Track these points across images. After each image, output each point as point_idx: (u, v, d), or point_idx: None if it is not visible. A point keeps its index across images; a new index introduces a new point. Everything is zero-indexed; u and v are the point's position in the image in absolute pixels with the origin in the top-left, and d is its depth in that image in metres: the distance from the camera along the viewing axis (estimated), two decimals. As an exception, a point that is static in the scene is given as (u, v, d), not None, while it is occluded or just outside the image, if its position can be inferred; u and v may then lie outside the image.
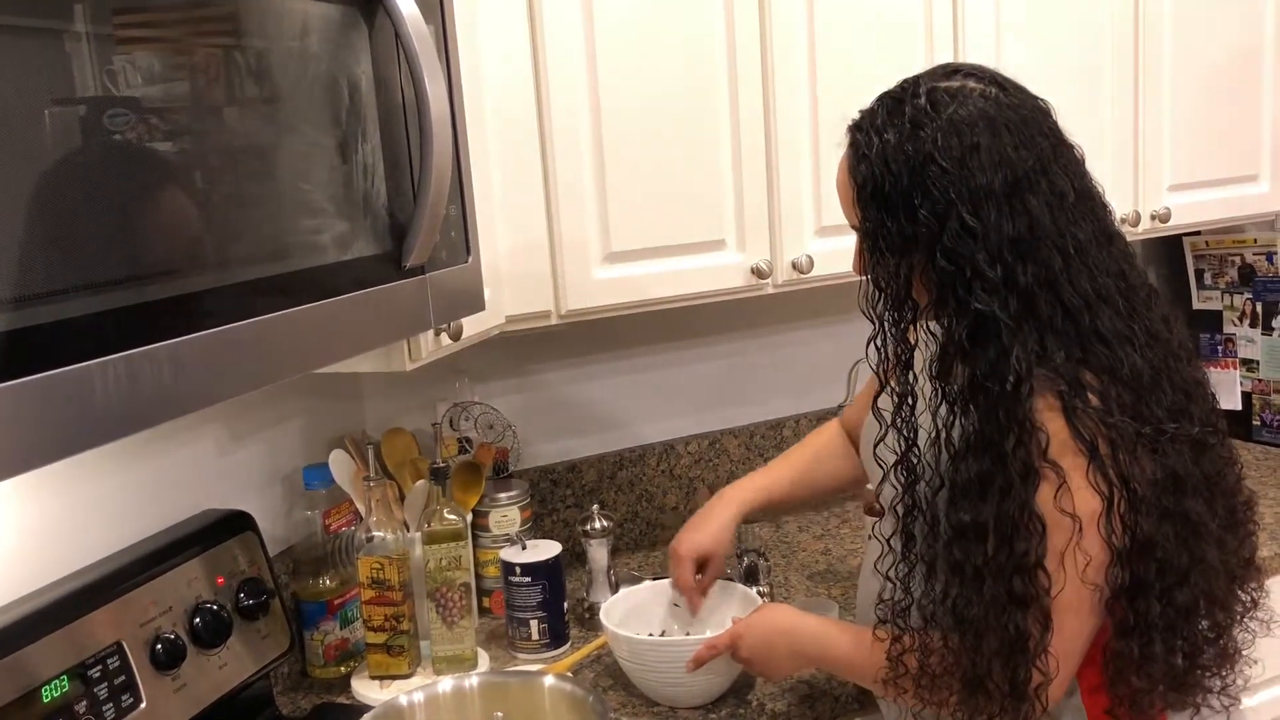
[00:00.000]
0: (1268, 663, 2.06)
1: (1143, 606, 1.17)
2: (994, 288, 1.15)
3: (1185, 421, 1.20)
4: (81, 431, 0.80)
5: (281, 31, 1.03)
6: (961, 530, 1.17)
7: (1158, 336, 1.23)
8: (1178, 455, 1.18)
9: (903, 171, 1.17)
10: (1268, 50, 2.39)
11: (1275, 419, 2.63)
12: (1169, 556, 1.17)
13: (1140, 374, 1.18)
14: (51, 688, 1.19)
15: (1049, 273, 1.16)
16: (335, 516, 1.76)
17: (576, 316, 1.77)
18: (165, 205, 0.88)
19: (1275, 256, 2.58)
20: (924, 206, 1.16)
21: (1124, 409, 1.16)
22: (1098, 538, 1.16)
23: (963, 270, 1.15)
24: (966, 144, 1.16)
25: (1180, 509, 1.18)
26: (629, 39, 1.74)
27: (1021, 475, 1.14)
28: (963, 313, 1.16)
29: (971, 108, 1.18)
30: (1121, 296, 1.21)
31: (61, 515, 1.36)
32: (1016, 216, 1.15)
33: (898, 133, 1.18)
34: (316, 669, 1.74)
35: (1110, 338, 1.18)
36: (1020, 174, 1.17)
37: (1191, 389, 1.25)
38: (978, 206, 1.15)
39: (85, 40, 0.81)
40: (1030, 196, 1.16)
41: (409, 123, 1.21)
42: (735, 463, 2.34)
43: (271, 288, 1.00)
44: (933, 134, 1.16)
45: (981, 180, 1.15)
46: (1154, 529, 1.16)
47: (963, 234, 1.15)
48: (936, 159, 1.16)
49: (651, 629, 1.70)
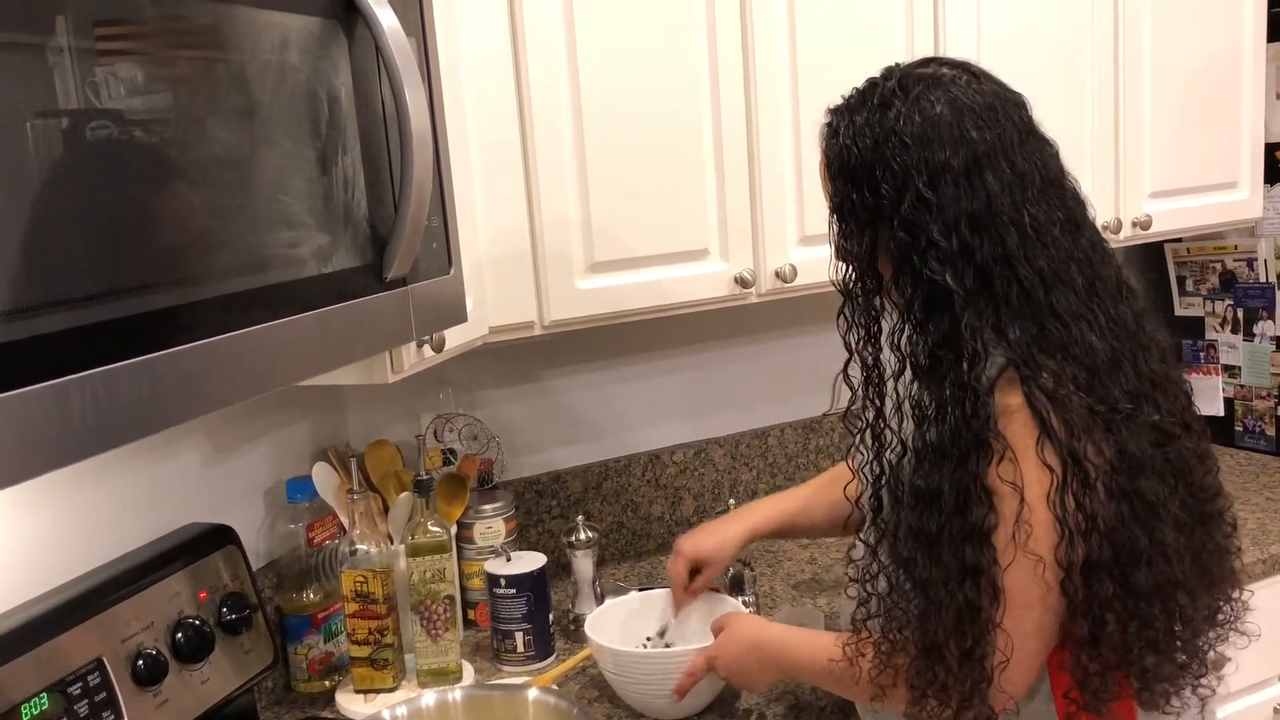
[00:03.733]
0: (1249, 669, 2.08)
1: (1095, 586, 1.18)
2: (948, 258, 1.19)
3: (1147, 407, 1.22)
4: (61, 447, 0.79)
5: (261, 44, 1.03)
6: (918, 495, 1.21)
7: (1125, 326, 1.25)
8: (1134, 437, 1.20)
9: (867, 146, 1.23)
10: (1246, 58, 2.41)
11: (1257, 425, 2.64)
12: (1123, 537, 1.18)
13: (1096, 353, 1.20)
14: (31, 705, 1.18)
15: (1004, 249, 1.19)
16: (319, 530, 1.75)
17: (560, 327, 1.77)
18: (146, 218, 0.88)
19: (1256, 263, 2.59)
20: (885, 180, 1.21)
21: (1079, 386, 1.18)
22: (1047, 514, 1.17)
23: (918, 241, 1.20)
24: (927, 121, 1.21)
25: (1135, 489, 1.19)
26: (611, 50, 1.74)
27: (973, 446, 1.17)
28: (918, 283, 1.20)
29: (939, 91, 1.23)
30: (1085, 281, 1.23)
31: (41, 530, 1.35)
32: (974, 193, 1.19)
33: (867, 112, 1.25)
34: (300, 683, 1.73)
35: (1066, 316, 1.20)
36: (979, 153, 1.21)
37: (1161, 382, 1.26)
38: (935, 181, 1.19)
39: (67, 53, 0.81)
40: (989, 175, 1.20)
41: (389, 134, 1.21)
42: (721, 472, 2.34)
43: (252, 301, 1.00)
44: (897, 112, 1.22)
45: (940, 156, 1.20)
46: (1108, 508, 1.17)
47: (919, 205, 1.19)
48: (897, 134, 1.21)
49: (637, 641, 1.69)
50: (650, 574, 2.16)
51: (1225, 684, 2.01)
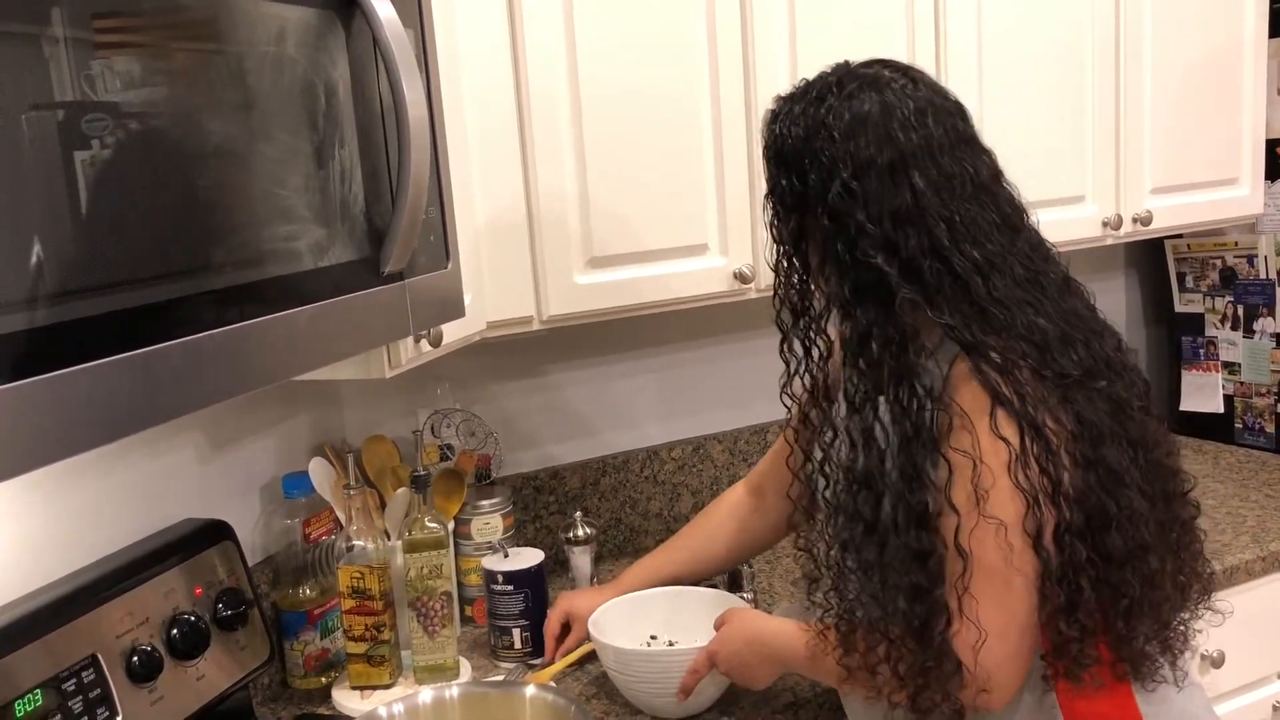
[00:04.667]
0: (1249, 666, 2.08)
1: (1068, 552, 1.20)
2: (877, 245, 1.23)
3: (1100, 380, 1.25)
4: (55, 441, 0.78)
5: (258, 36, 1.02)
6: (860, 482, 1.25)
7: (1076, 314, 1.29)
8: (1090, 405, 1.23)
9: (799, 135, 1.28)
10: (1246, 54, 2.40)
11: (1257, 422, 2.64)
12: (1092, 503, 1.21)
13: (1045, 332, 1.24)
14: (25, 701, 1.18)
15: (933, 242, 1.23)
16: (315, 525, 1.74)
17: (558, 322, 1.76)
18: (140, 212, 0.87)
19: (1256, 259, 2.59)
20: (812, 169, 1.27)
21: (1028, 359, 1.21)
22: (1008, 482, 1.19)
23: (846, 228, 1.24)
24: (856, 118, 1.26)
25: (1099, 456, 1.21)
26: (610, 41, 1.73)
27: (916, 427, 1.21)
28: (844, 270, 1.25)
29: (873, 91, 1.27)
30: (1026, 274, 1.27)
31: (36, 525, 1.34)
32: (899, 189, 1.24)
33: (805, 103, 1.30)
34: (297, 679, 1.73)
35: (1008, 302, 1.24)
36: (904, 153, 1.25)
37: (1116, 365, 1.29)
38: (859, 174, 1.24)
39: (63, 45, 0.80)
40: (915, 174, 1.24)
41: (387, 127, 1.20)
42: (719, 468, 2.33)
43: (248, 295, 0.99)
44: (829, 106, 1.27)
45: (865, 152, 1.25)
46: (1074, 476, 1.20)
47: (845, 195, 1.24)
48: (827, 126, 1.26)
49: (640, 639, 1.69)
50: (648, 570, 2.15)
51: (1225, 680, 2.02)
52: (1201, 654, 1.98)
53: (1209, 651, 1.99)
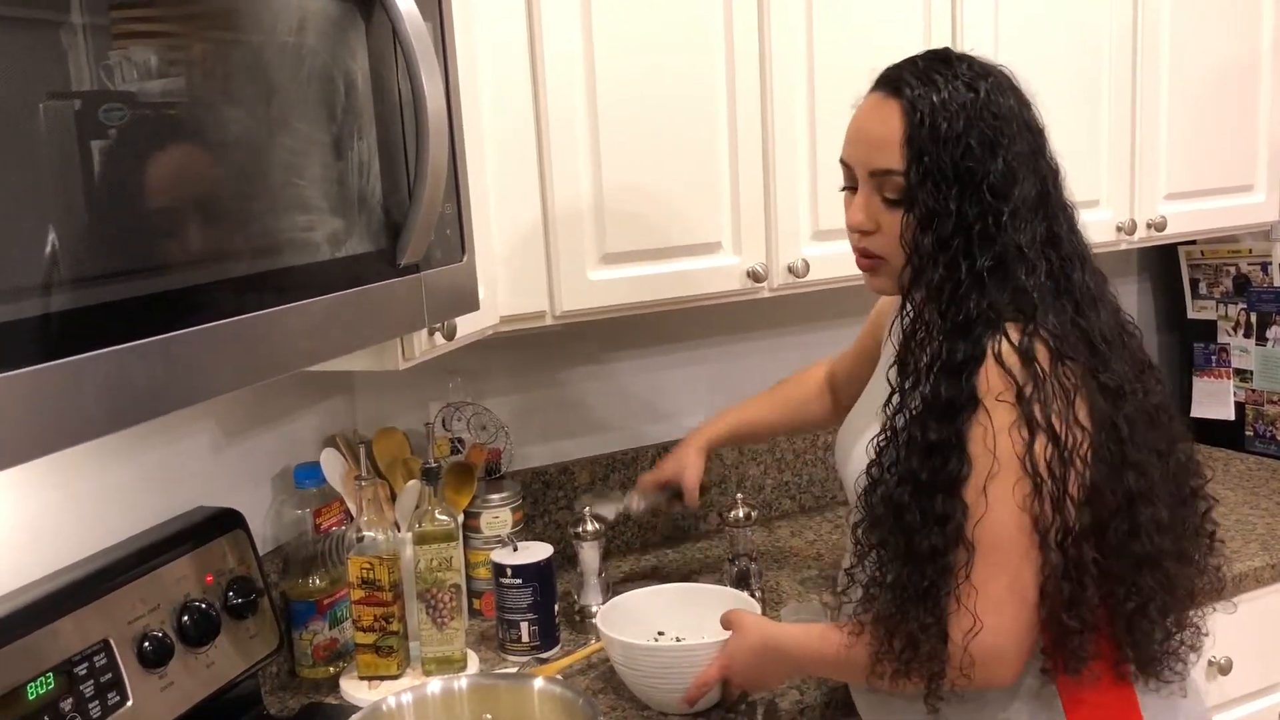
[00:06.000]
0: (1258, 673, 2.07)
1: (1076, 551, 1.22)
2: (1021, 227, 1.27)
3: (1137, 386, 1.31)
4: (71, 426, 0.79)
5: (278, 27, 1.02)
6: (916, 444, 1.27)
7: (1118, 312, 1.37)
8: (1131, 410, 1.27)
9: (960, 114, 1.28)
10: (1264, 61, 2.39)
11: (1268, 430, 2.63)
12: (1122, 505, 1.24)
13: (1110, 335, 1.31)
14: (37, 685, 1.18)
15: (1052, 232, 1.30)
16: (326, 516, 1.75)
17: (571, 318, 1.77)
18: (159, 200, 0.87)
19: (1270, 267, 2.58)
20: (977, 146, 1.28)
21: (1095, 359, 1.27)
22: (1026, 470, 1.22)
23: (1000, 206, 1.27)
24: (1011, 102, 1.31)
25: (1137, 460, 1.26)
26: (627, 39, 1.73)
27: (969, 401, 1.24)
28: (987, 247, 1.27)
29: (1004, 78, 1.33)
30: (1092, 267, 1.35)
31: (50, 511, 1.35)
32: (1034, 177, 1.30)
33: (951, 83, 1.30)
34: (305, 669, 1.73)
35: (1093, 296, 1.32)
36: (1037, 143, 1.33)
37: (1146, 370, 1.35)
38: (1014, 157, 1.28)
39: (81, 33, 0.80)
40: (1042, 161, 1.32)
41: (405, 120, 1.20)
42: (728, 466, 2.34)
43: (264, 284, 1.00)
44: (984, 88, 1.30)
45: (1018, 140, 1.29)
46: (1101, 476, 1.24)
47: (1006, 174, 1.27)
48: (990, 107, 1.29)
49: (648, 634, 1.69)
50: (656, 567, 2.15)
51: (1233, 687, 2.02)
52: (1209, 660, 1.98)
53: (1216, 658, 1.99)
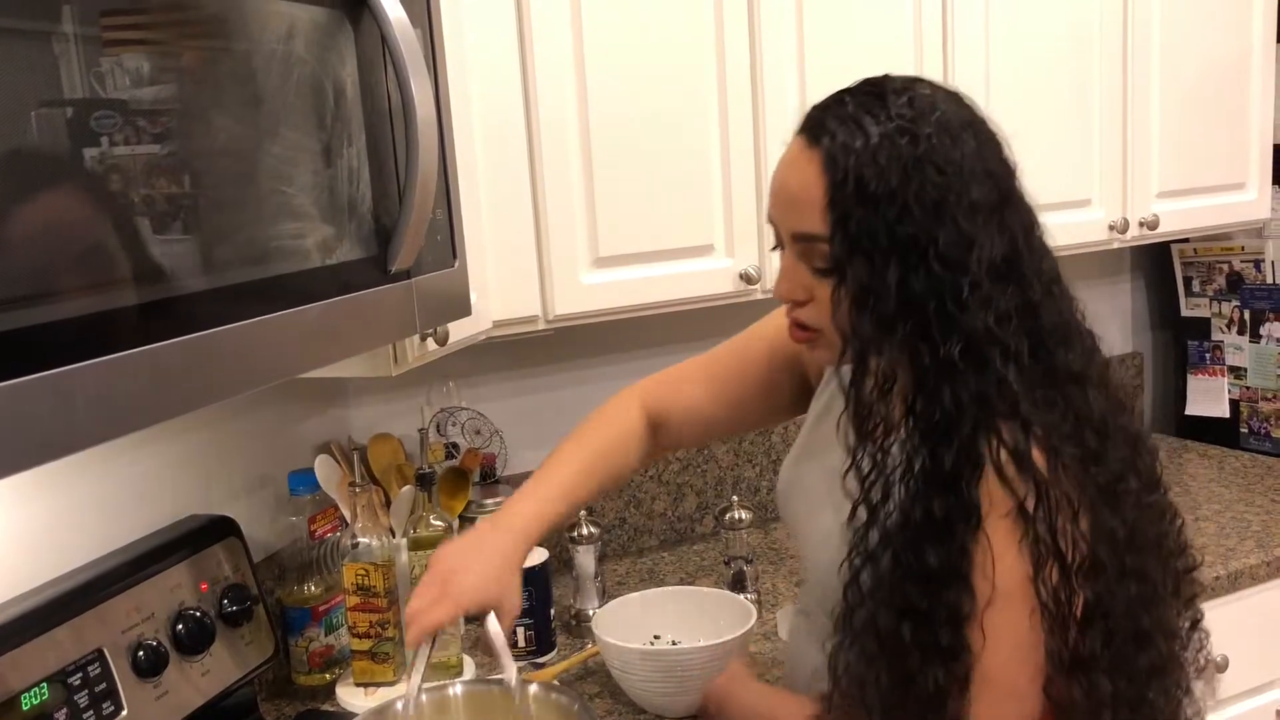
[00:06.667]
0: (1253, 671, 2.07)
1: (1084, 681, 1.07)
2: (985, 304, 1.05)
3: (1132, 477, 1.12)
4: (63, 436, 0.79)
5: (267, 34, 1.02)
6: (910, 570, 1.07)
7: (1107, 384, 1.15)
8: (1132, 511, 1.10)
9: (893, 168, 1.04)
10: (1255, 59, 2.40)
11: (1262, 427, 2.63)
12: (1124, 618, 1.08)
13: (1105, 419, 1.10)
14: (31, 695, 1.18)
15: (1025, 300, 1.07)
16: (320, 522, 1.75)
17: (564, 322, 1.77)
18: (148, 208, 0.87)
19: (1263, 264, 2.58)
20: (917, 208, 1.04)
21: (1087, 456, 1.07)
22: (1029, 602, 1.05)
23: (957, 281, 1.04)
24: (963, 148, 1.06)
25: (1138, 568, 1.10)
26: (618, 43, 1.73)
27: (963, 516, 1.05)
28: (950, 330, 1.05)
29: (958, 113, 1.09)
30: (1078, 333, 1.14)
31: (43, 520, 1.35)
32: (1001, 234, 1.07)
33: (882, 127, 1.06)
34: (301, 676, 1.73)
35: (1081, 377, 1.10)
36: (1004, 189, 1.09)
37: (1135, 442, 1.15)
38: (972, 215, 1.05)
39: (73, 42, 0.80)
40: (1010, 214, 1.09)
41: (395, 126, 1.20)
42: (724, 469, 2.34)
43: (255, 292, 0.99)
44: (925, 132, 1.05)
45: (975, 189, 1.06)
46: (1104, 587, 1.07)
47: (959, 241, 1.04)
48: (932, 158, 1.05)
49: (644, 638, 1.69)
50: (652, 570, 2.15)
51: (1229, 685, 2.02)
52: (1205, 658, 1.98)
53: (1212, 656, 1.98)
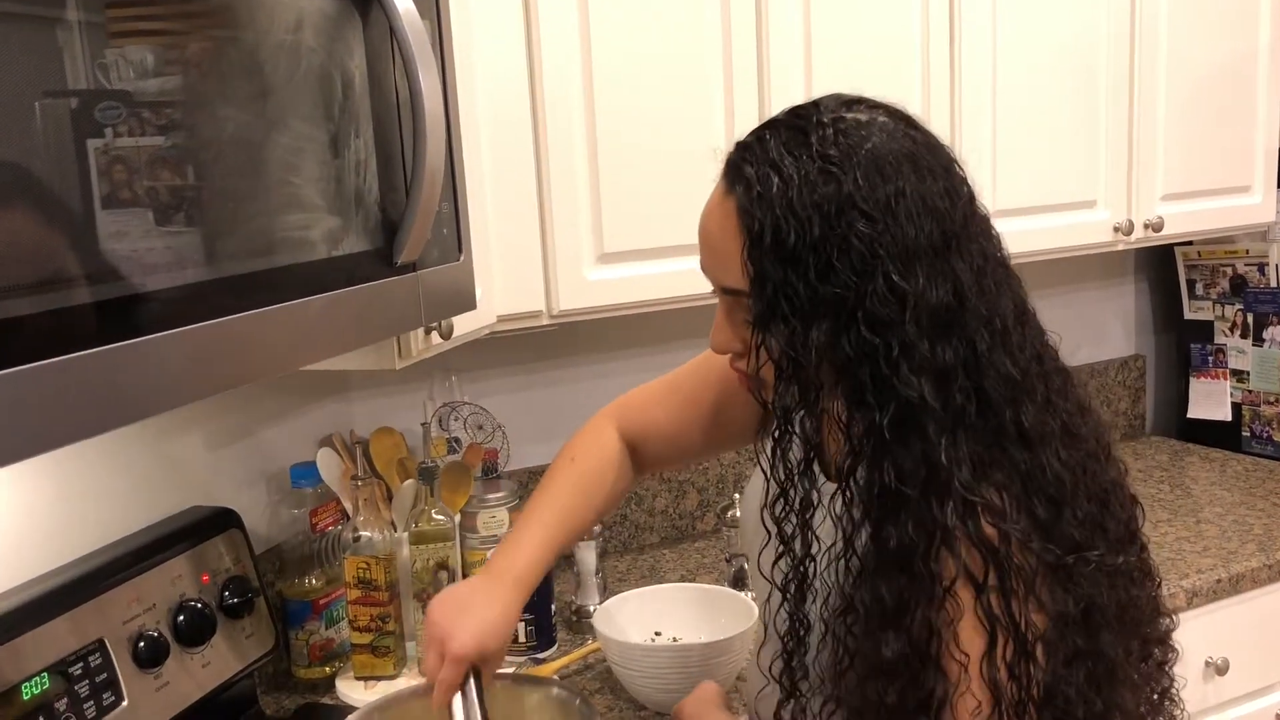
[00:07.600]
0: (1254, 674, 2.07)
1: None
2: (923, 366, 0.94)
3: (1099, 540, 1.00)
4: (65, 425, 0.79)
5: (275, 25, 1.02)
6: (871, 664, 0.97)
7: (1075, 433, 1.03)
8: (1091, 584, 0.98)
9: (814, 218, 0.94)
10: (1262, 62, 2.40)
11: (1265, 430, 2.63)
12: (1075, 701, 0.96)
13: (1062, 481, 0.98)
14: (32, 685, 1.18)
15: (972, 353, 0.96)
16: (322, 515, 1.75)
17: (568, 317, 1.76)
18: (154, 198, 0.87)
19: (1267, 268, 2.58)
20: (841, 262, 0.94)
21: (1037, 528, 0.96)
22: (983, 683, 0.94)
23: (889, 343, 0.94)
24: (892, 187, 0.94)
25: (1095, 649, 0.98)
26: (625, 39, 1.73)
27: (929, 600, 0.94)
28: (885, 396, 0.94)
29: (892, 144, 0.97)
30: (1041, 384, 1.01)
31: (45, 510, 1.35)
32: (944, 280, 0.95)
33: (803, 169, 0.96)
34: (301, 669, 1.73)
35: (1033, 437, 0.97)
36: (948, 228, 0.96)
37: (1107, 496, 1.04)
38: (907, 266, 0.94)
39: (77, 31, 0.80)
40: (956, 258, 0.96)
41: (402, 118, 1.20)
42: (725, 466, 2.33)
43: (260, 283, 0.99)
44: (852, 172, 0.94)
45: (910, 234, 0.94)
46: (1057, 670, 0.96)
47: (890, 298, 0.93)
48: (858, 203, 0.94)
49: (644, 634, 1.69)
50: (653, 568, 2.15)
51: (1230, 688, 2.02)
52: (1206, 661, 1.98)
53: (1214, 659, 1.98)
